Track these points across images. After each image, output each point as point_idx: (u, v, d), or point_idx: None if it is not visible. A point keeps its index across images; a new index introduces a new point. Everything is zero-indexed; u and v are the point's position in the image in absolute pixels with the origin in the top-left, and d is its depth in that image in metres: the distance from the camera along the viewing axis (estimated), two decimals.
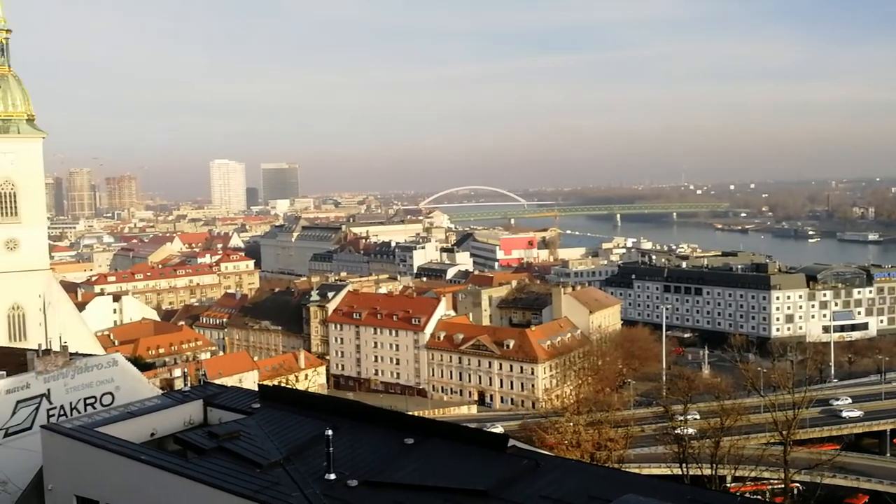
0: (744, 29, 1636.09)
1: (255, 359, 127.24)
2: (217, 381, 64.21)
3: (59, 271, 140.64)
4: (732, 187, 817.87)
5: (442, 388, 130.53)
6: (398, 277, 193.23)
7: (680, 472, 60.55)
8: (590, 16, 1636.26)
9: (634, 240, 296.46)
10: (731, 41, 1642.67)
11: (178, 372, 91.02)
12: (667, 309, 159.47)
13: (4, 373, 35.52)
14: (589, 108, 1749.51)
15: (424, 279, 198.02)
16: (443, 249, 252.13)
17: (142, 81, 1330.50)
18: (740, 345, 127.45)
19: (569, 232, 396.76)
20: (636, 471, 73.14)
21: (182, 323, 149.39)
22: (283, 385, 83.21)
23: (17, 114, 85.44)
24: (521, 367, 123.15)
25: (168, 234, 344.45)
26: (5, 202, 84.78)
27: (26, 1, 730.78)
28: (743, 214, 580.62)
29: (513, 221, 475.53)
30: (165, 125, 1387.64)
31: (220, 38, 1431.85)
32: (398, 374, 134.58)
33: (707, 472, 57.56)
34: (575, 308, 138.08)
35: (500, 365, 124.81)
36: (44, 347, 38.40)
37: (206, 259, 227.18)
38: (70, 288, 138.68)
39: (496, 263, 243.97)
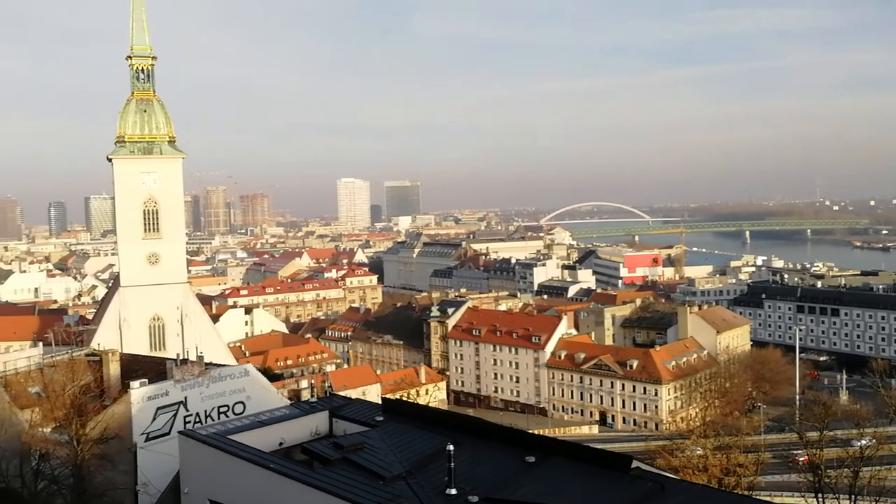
0: (882, 37, 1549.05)
1: (378, 372, 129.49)
2: (342, 393, 65.79)
3: (195, 285, 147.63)
4: (873, 203, 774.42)
5: (563, 407, 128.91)
6: (518, 295, 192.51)
7: (815, 503, 57.37)
8: (722, 28, 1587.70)
9: (765, 258, 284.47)
10: (869, 50, 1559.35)
11: (304, 383, 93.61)
12: (800, 330, 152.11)
13: (146, 380, 37.65)
14: (718, 122, 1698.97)
15: (545, 297, 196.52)
16: (564, 267, 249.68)
17: (275, 103, 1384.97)
18: (882, 370, 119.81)
19: (695, 249, 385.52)
20: (767, 499, 69.93)
21: (309, 335, 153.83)
22: (405, 399, 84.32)
23: (160, 136, 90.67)
24: (645, 388, 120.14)
25: (297, 250, 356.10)
26: (149, 219, 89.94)
27: (169, 26, 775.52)
28: (884, 231, 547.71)
29: (637, 238, 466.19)
30: (295, 145, 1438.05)
31: (347, 59, 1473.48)
32: (518, 391, 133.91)
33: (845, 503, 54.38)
34: (701, 328, 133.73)
35: (623, 385, 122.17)
36: (181, 357, 40.51)
37: (333, 274, 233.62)
38: (205, 300, 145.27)
39: (619, 281, 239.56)
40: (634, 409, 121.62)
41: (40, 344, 54.53)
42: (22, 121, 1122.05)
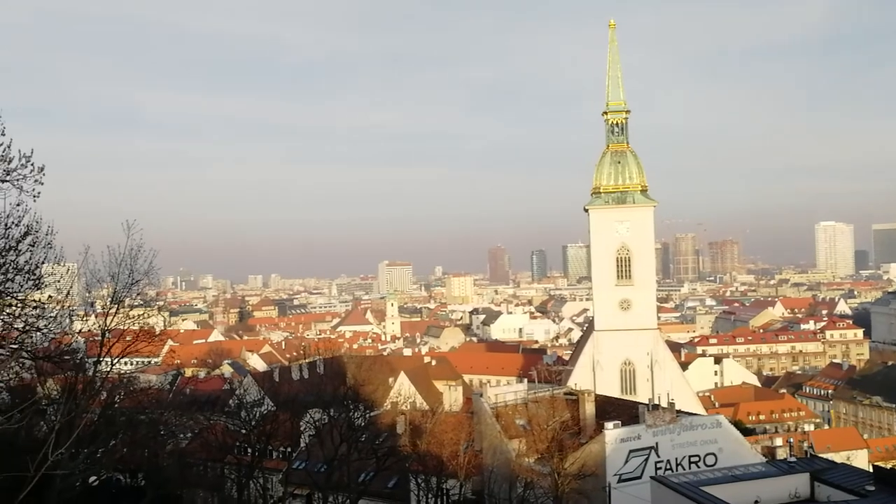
0: None
1: (864, 436, 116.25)
2: (823, 456, 60.41)
3: (664, 331, 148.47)
4: None
5: None
6: None
7: None
8: None
9: None
10: None
11: (779, 441, 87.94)
12: None
13: (619, 422, 38.90)
14: None
15: None
16: None
17: (745, 146, 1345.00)
18: None
19: None
20: None
21: (783, 391, 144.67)
22: None
23: (633, 186, 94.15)
24: None
25: (769, 299, 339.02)
26: (621, 266, 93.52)
27: (640, 80, 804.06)
28: None
29: None
30: (768, 188, 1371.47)
31: (824, 96, 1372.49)
32: None
33: None
34: None
35: None
36: (653, 403, 41.08)
37: (810, 325, 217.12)
38: (674, 348, 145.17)
39: None
40: None
41: (525, 380, 59.75)
42: (511, 177, 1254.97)
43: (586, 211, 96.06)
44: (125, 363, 37.65)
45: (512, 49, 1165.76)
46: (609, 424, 37.97)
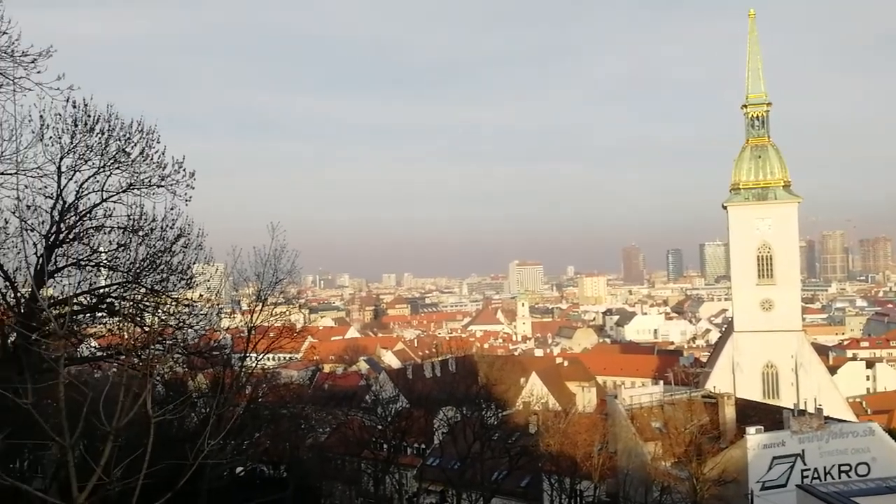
0: None
1: None
2: None
3: (810, 333, 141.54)
4: None
5: None
6: None
7: None
8: None
9: None
10: None
11: None
12: None
13: (762, 428, 37.38)
14: None
15: None
16: None
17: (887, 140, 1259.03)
18: None
19: None
20: None
21: None
22: None
23: (774, 181, 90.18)
24: None
25: None
26: (762, 265, 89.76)
27: (783, 70, 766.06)
28: None
29: None
30: None
31: None
32: None
33: None
34: None
35: None
36: (798, 408, 39.25)
37: None
38: (821, 351, 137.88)
39: None
40: None
41: (661, 382, 58.38)
42: (644, 173, 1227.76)
43: (725, 208, 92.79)
44: (268, 359, 39.36)
45: (643, 41, 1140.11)
46: (751, 429, 36.57)
